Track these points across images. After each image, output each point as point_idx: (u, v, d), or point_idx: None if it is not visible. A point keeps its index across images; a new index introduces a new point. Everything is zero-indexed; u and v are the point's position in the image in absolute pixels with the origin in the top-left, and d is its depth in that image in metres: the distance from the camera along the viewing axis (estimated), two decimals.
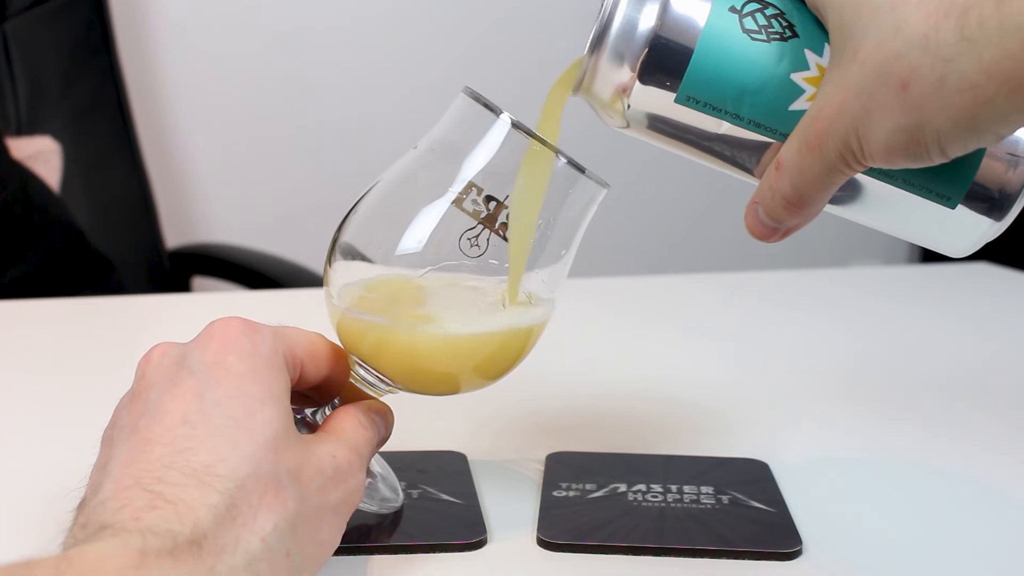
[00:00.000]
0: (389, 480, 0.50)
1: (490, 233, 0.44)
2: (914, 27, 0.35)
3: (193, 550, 0.35)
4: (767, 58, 0.41)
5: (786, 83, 0.41)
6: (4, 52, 1.40)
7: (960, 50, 0.34)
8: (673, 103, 0.42)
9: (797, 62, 0.41)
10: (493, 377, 0.48)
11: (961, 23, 0.34)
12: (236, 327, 0.43)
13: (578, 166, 0.45)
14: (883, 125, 0.37)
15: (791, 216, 0.42)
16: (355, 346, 0.46)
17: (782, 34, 0.41)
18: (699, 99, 0.42)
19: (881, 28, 0.36)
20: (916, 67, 0.35)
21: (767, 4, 0.41)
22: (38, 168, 1.32)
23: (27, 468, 0.55)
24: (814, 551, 0.47)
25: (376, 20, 1.81)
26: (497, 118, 0.44)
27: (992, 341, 0.84)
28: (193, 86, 1.73)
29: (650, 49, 0.41)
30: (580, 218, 0.47)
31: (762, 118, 0.42)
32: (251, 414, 0.40)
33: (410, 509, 0.49)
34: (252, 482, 0.37)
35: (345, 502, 0.42)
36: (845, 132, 0.38)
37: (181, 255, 1.51)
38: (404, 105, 1.80)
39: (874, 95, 0.37)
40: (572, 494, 0.51)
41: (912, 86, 0.35)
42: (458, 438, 0.58)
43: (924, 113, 0.36)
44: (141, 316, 0.95)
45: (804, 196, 0.41)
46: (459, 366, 0.47)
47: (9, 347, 0.79)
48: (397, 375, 0.47)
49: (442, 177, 0.45)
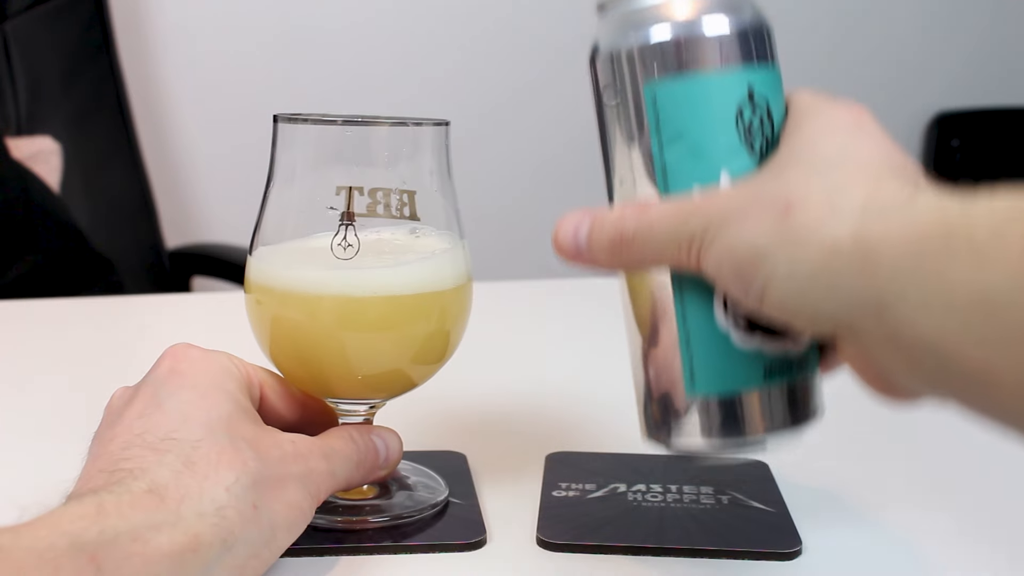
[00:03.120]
0: (428, 484, 0.51)
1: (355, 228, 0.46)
2: (840, 178, 0.35)
3: (153, 498, 0.37)
4: (730, 153, 0.41)
5: (715, 172, 0.41)
6: (4, 52, 1.40)
7: (851, 212, 0.34)
8: (640, 84, 0.42)
9: (740, 169, 0.41)
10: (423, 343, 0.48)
11: (871, 199, 0.34)
12: (189, 346, 0.45)
13: (404, 122, 0.47)
14: (741, 232, 0.36)
15: (608, 253, 0.41)
16: None
17: (753, 145, 0.41)
18: (658, 101, 0.41)
19: (819, 160, 0.37)
20: (807, 204, 0.35)
21: (768, 116, 0.41)
22: (38, 168, 1.32)
23: (27, 468, 0.55)
24: (814, 551, 0.47)
25: (376, 20, 1.81)
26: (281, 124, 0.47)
27: None
28: (193, 86, 1.73)
29: (668, 41, 0.41)
30: (444, 163, 0.48)
31: (674, 164, 0.41)
32: (203, 396, 0.42)
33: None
34: (208, 444, 0.40)
35: (309, 477, 0.42)
36: (710, 220, 0.37)
37: (181, 255, 1.51)
38: (404, 105, 1.80)
39: (759, 201, 0.36)
40: (572, 494, 0.51)
41: (793, 216, 0.35)
42: (458, 438, 0.58)
43: (779, 245, 0.35)
44: (141, 316, 0.95)
45: (633, 250, 0.40)
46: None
47: (9, 347, 0.79)
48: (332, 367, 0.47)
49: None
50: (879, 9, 2.11)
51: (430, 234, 0.48)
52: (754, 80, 0.41)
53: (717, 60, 0.41)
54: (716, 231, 0.37)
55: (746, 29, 0.42)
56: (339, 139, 0.47)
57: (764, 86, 0.42)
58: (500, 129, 1.92)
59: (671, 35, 0.41)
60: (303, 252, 0.46)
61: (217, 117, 1.74)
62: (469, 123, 1.89)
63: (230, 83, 1.74)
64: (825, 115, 0.39)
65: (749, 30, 0.42)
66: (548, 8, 1.87)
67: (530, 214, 1.98)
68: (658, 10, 0.42)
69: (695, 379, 0.42)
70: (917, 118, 2.18)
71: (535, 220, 2.00)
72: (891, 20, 2.12)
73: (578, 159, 1.99)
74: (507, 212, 1.96)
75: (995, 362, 0.30)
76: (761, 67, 0.42)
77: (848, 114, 0.39)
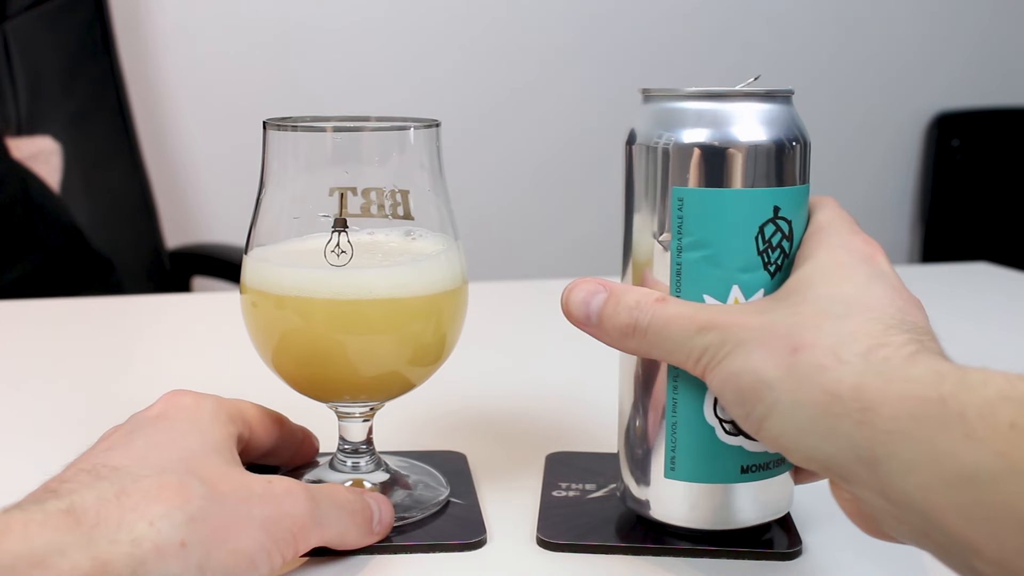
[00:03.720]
0: (428, 483, 0.51)
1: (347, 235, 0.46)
2: (849, 326, 0.37)
3: (68, 519, 0.35)
4: (746, 268, 0.41)
5: (727, 284, 0.42)
6: (4, 52, 1.40)
7: (855, 363, 0.35)
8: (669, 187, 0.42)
9: (753, 284, 0.42)
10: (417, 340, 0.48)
11: (875, 352, 0.35)
12: (184, 392, 0.45)
13: (394, 124, 0.47)
14: (749, 360, 0.38)
15: (618, 336, 0.42)
16: None
17: (770, 260, 0.42)
18: (684, 206, 0.42)
19: (832, 305, 0.38)
20: (815, 347, 0.36)
21: (789, 234, 0.42)
22: (38, 168, 1.32)
23: (27, 468, 0.54)
24: (814, 551, 0.47)
25: (375, 20, 1.81)
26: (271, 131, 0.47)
27: (992, 341, 0.84)
28: (193, 86, 1.73)
29: (701, 150, 0.41)
30: (436, 163, 0.48)
31: (689, 267, 0.42)
32: (173, 440, 0.41)
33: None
34: (153, 479, 0.38)
35: (277, 522, 0.40)
36: (724, 340, 0.39)
37: (181, 255, 1.51)
38: (403, 105, 1.80)
39: (770, 336, 0.38)
40: (572, 494, 0.51)
41: (800, 355, 0.36)
42: (458, 438, 0.58)
43: (783, 380, 0.36)
44: (141, 316, 0.95)
45: (644, 341, 0.41)
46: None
47: (9, 347, 0.79)
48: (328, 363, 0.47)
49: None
50: (880, 10, 2.11)
51: (424, 235, 0.48)
52: (781, 200, 0.41)
53: (748, 177, 0.41)
54: (727, 353, 0.38)
55: (782, 148, 0.41)
56: (330, 143, 0.47)
57: (790, 205, 0.42)
58: (500, 129, 1.92)
59: (705, 143, 0.41)
60: (297, 254, 0.46)
61: (217, 117, 1.74)
62: (469, 123, 1.89)
63: (230, 83, 1.74)
64: (843, 248, 0.41)
65: (785, 149, 0.42)
66: (547, 9, 1.87)
67: (530, 214, 1.98)
68: (698, 113, 0.41)
69: (675, 466, 0.44)
70: (917, 118, 2.18)
71: (535, 220, 2.00)
72: (891, 20, 2.12)
73: (578, 159, 1.99)
74: (507, 212, 1.96)
75: (977, 534, 0.31)
76: (790, 187, 0.42)
77: (864, 248, 0.41)
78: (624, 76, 1.86)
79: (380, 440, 0.52)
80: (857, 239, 0.41)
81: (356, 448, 0.50)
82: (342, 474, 0.50)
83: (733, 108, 0.41)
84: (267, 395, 0.50)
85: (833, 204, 0.44)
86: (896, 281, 0.40)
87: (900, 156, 2.20)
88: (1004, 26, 2.21)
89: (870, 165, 2.17)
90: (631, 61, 1.93)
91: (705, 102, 0.42)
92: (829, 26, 2.08)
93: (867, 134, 2.15)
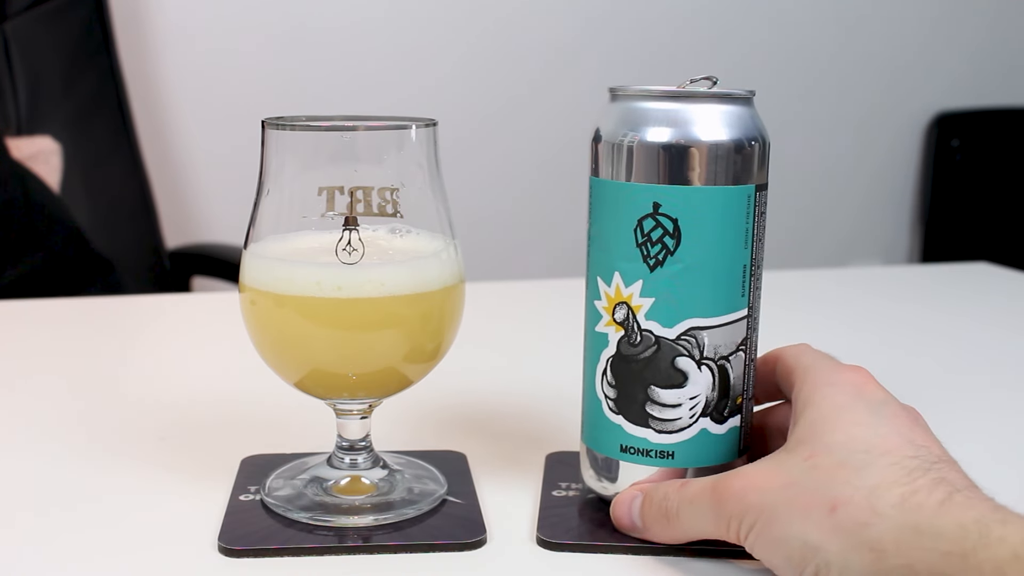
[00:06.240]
0: (427, 482, 0.51)
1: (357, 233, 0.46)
2: (875, 477, 0.38)
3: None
4: (625, 257, 0.44)
5: (611, 269, 0.45)
6: (4, 52, 1.40)
7: (892, 515, 0.36)
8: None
9: (632, 277, 0.44)
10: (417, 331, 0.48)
11: (908, 501, 0.37)
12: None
13: (400, 125, 0.47)
14: (790, 528, 0.39)
15: (660, 528, 0.44)
16: None
17: (648, 254, 0.44)
18: (591, 193, 0.46)
19: (851, 455, 0.39)
20: (850, 504, 0.38)
21: (675, 231, 0.44)
22: (38, 168, 1.32)
23: (27, 468, 0.54)
24: None
25: (376, 20, 1.81)
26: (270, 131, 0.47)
27: (992, 341, 0.84)
28: (193, 86, 1.73)
29: (600, 142, 0.45)
30: (433, 163, 0.49)
31: (592, 252, 0.46)
32: None
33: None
34: None
35: None
36: (748, 508, 0.40)
37: (181, 255, 1.51)
38: (403, 105, 1.80)
39: (803, 496, 0.39)
40: (572, 494, 0.51)
41: (839, 514, 0.38)
42: (458, 438, 0.58)
43: (829, 542, 0.37)
44: (141, 316, 0.95)
45: (681, 523, 0.44)
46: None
47: (9, 347, 0.79)
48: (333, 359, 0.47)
49: None
50: (880, 9, 2.11)
51: (420, 234, 0.48)
52: (663, 197, 0.44)
53: (632, 172, 0.44)
54: (764, 524, 0.40)
55: (677, 149, 0.43)
56: (328, 142, 0.47)
57: (676, 204, 0.44)
58: (500, 129, 1.92)
59: (603, 137, 0.45)
60: (295, 252, 0.47)
61: (217, 117, 1.74)
62: (468, 123, 1.90)
63: (230, 83, 1.74)
64: (836, 387, 0.43)
65: (680, 151, 0.43)
66: (547, 9, 1.87)
67: (529, 214, 1.98)
68: (624, 112, 0.45)
69: (584, 430, 0.48)
70: (917, 118, 2.18)
71: (534, 220, 2.00)
72: (891, 20, 2.12)
73: (577, 160, 1.99)
74: (506, 212, 1.96)
75: None
76: (680, 186, 0.43)
77: (855, 380, 0.43)
78: (624, 76, 1.86)
79: (380, 440, 0.52)
80: (846, 373, 0.44)
81: (354, 445, 0.50)
82: (340, 471, 0.50)
83: (644, 107, 0.44)
84: (267, 394, 0.50)
85: (809, 347, 0.47)
86: (894, 405, 0.42)
87: (900, 156, 2.20)
88: (1004, 26, 2.21)
89: (870, 165, 2.17)
90: (631, 61, 1.93)
91: (625, 101, 0.45)
92: (829, 26, 2.08)
93: (867, 134, 2.15)
